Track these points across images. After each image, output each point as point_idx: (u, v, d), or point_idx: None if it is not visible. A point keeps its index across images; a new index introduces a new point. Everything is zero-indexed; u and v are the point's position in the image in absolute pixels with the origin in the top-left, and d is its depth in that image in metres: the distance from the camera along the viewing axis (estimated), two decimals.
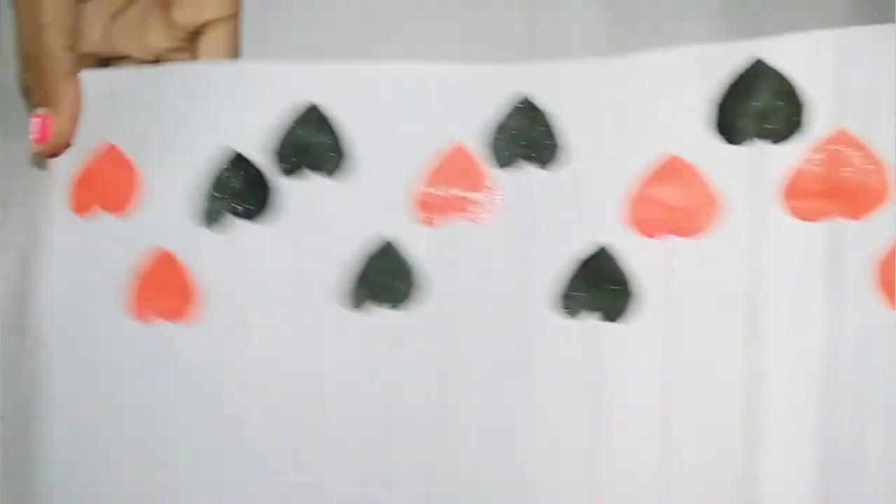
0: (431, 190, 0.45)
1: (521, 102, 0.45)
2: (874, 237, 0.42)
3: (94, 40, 0.48)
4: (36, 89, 0.47)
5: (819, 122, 0.43)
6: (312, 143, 0.45)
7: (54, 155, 0.47)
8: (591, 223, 0.44)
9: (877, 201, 0.42)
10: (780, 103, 0.43)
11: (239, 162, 0.45)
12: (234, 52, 0.49)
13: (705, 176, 0.43)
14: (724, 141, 0.43)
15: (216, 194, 0.45)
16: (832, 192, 0.42)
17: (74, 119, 0.47)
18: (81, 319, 0.45)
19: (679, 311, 0.43)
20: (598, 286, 0.44)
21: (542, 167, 0.45)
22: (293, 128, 0.45)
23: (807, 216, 0.43)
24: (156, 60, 0.49)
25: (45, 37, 0.46)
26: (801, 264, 0.42)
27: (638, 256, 0.44)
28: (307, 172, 0.45)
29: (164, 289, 0.44)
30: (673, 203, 0.44)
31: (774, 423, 0.42)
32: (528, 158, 0.45)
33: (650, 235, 0.44)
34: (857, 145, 0.42)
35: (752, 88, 0.43)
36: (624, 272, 0.44)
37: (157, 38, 0.49)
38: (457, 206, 0.45)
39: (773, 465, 0.42)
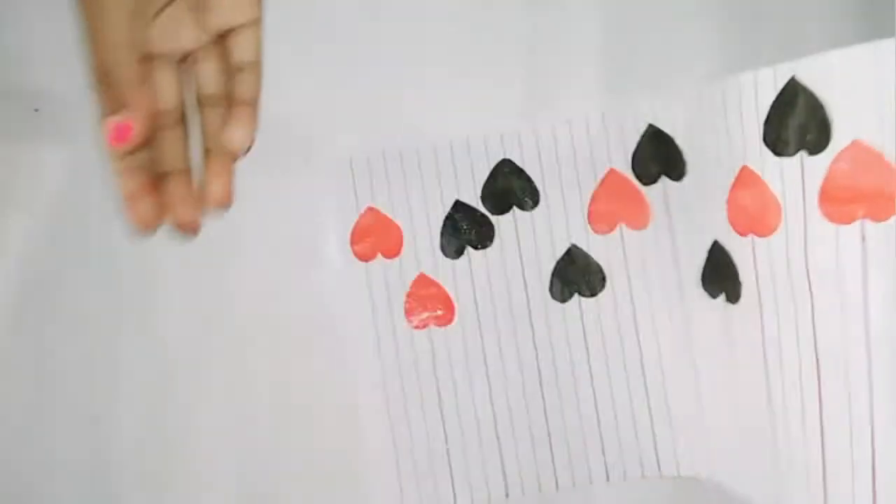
0: (599, 207, 0.61)
1: (649, 129, 0.59)
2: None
3: (137, 42, 0.53)
4: (111, 98, 0.52)
5: (841, 134, 0.50)
6: (512, 188, 0.62)
7: (130, 153, 0.53)
8: (711, 223, 0.57)
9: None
10: (811, 118, 0.51)
11: (464, 209, 0.63)
12: (259, 52, 0.55)
13: (767, 184, 0.53)
14: (773, 153, 0.53)
15: (454, 233, 0.64)
16: (858, 197, 0.50)
17: (149, 121, 0.52)
18: (375, 331, 0.65)
19: (764, 297, 0.55)
20: (722, 274, 0.57)
21: (674, 180, 0.59)
22: (495, 178, 0.62)
23: (839, 219, 0.51)
24: (184, 58, 0.56)
25: (119, 54, 0.51)
26: (839, 264, 0.51)
27: (736, 251, 0.56)
28: (513, 209, 0.62)
29: (429, 303, 0.64)
30: (749, 207, 0.55)
31: (830, 387, 0.52)
32: (665, 174, 0.59)
33: (742, 234, 0.55)
34: (873, 154, 0.50)
35: (789, 106, 0.52)
36: (734, 262, 0.56)
37: (190, 39, 0.55)
38: (619, 217, 0.61)
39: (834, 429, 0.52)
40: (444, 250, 0.64)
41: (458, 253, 0.64)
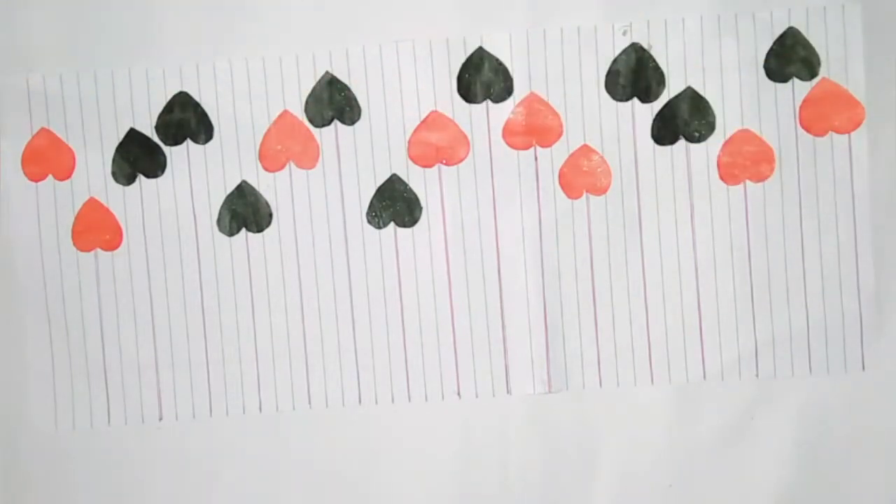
0: (269, 145, 0.65)
1: (325, 76, 0.64)
2: (554, 157, 0.64)
3: None
4: None
5: (520, 88, 0.65)
6: (187, 121, 0.65)
7: None
8: (382, 157, 0.65)
9: (557, 136, 0.64)
10: (496, 76, 0.65)
11: (138, 137, 0.65)
12: None
13: (458, 125, 0.65)
14: (464, 101, 0.65)
15: (126, 161, 0.65)
16: (530, 131, 0.64)
17: None
18: (40, 250, 0.66)
19: (449, 216, 0.66)
20: (392, 201, 0.65)
21: (347, 125, 0.65)
22: (171, 109, 0.65)
23: (517, 147, 0.65)
24: None
25: None
26: (517, 180, 0.65)
27: (417, 182, 0.65)
28: (187, 141, 0.65)
29: (97, 226, 0.66)
30: (438, 143, 0.65)
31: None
32: (338, 118, 0.64)
33: (426, 166, 0.65)
34: (542, 103, 0.64)
35: (477, 67, 0.64)
36: (410, 189, 0.65)
37: None
38: (289, 156, 0.65)
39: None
40: (116, 177, 0.65)
41: (130, 180, 0.65)
